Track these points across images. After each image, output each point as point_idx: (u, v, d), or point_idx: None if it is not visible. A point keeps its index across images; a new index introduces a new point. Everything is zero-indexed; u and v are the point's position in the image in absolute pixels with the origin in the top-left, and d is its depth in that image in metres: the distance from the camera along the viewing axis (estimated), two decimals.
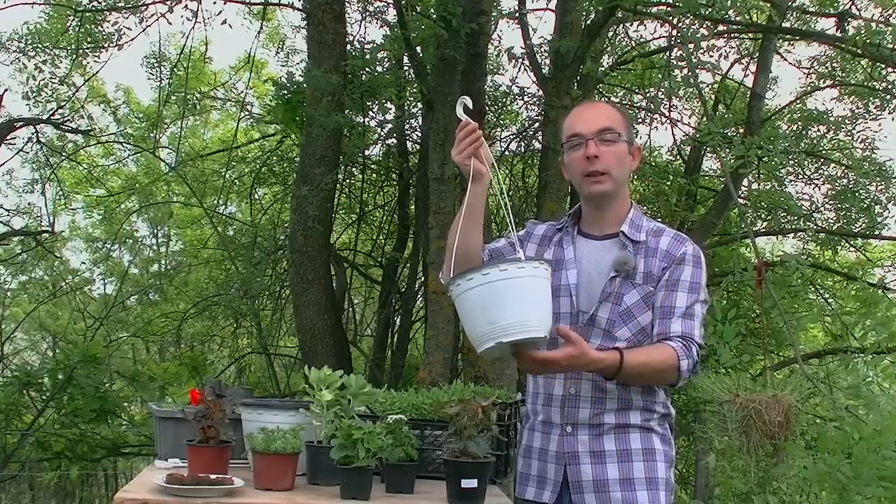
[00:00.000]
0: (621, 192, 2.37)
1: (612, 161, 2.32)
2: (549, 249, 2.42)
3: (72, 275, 13.49)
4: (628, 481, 2.27)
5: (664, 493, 2.29)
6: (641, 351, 2.24)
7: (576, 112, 2.43)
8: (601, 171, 2.31)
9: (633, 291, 2.29)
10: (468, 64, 6.14)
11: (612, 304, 2.29)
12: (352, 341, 8.72)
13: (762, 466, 2.95)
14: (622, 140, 2.34)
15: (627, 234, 2.33)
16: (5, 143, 8.87)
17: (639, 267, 2.30)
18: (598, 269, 2.32)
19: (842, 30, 6.09)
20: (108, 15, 7.87)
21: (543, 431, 2.37)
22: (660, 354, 2.23)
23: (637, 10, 6.01)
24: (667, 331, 2.26)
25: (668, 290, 2.28)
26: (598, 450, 2.29)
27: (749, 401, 2.53)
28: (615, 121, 2.35)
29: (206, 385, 2.48)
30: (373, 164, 9.10)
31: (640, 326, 2.29)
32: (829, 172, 8.60)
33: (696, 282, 2.29)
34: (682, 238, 2.35)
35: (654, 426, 2.33)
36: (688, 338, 2.24)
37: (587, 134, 2.32)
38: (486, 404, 2.21)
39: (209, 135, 15.60)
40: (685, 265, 2.29)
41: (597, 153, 2.30)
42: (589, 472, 2.29)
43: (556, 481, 2.33)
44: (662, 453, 2.32)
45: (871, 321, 3.58)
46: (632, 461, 2.28)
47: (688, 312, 2.26)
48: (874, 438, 2.76)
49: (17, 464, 9.80)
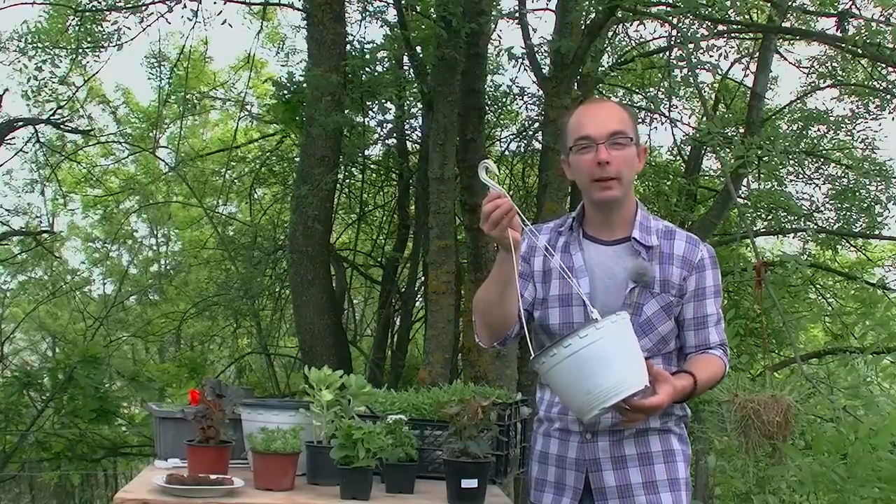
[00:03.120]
0: (628, 195, 2.32)
1: (623, 166, 2.24)
2: (555, 257, 2.33)
3: (71, 275, 13.49)
4: (651, 484, 2.25)
5: (685, 493, 2.29)
6: (704, 369, 2.25)
7: (584, 112, 2.32)
8: (612, 177, 2.23)
9: (652, 301, 2.24)
10: (468, 64, 6.14)
11: (632, 315, 2.18)
12: (352, 341, 8.72)
13: (761, 466, 2.95)
14: (632, 144, 2.26)
15: (639, 240, 2.27)
16: (5, 143, 8.87)
17: (656, 275, 2.25)
18: (612, 277, 2.26)
19: (842, 30, 6.08)
20: (108, 15, 7.87)
21: (561, 438, 2.32)
22: (716, 368, 2.27)
23: (637, 10, 6.00)
24: (706, 341, 2.28)
25: (697, 301, 2.27)
26: (619, 455, 2.26)
27: (748, 401, 2.54)
28: (625, 122, 2.27)
29: (206, 385, 2.49)
30: (373, 164, 9.10)
31: (660, 336, 2.26)
32: (830, 172, 8.62)
33: (716, 285, 2.31)
34: (696, 240, 2.32)
35: (672, 427, 2.31)
36: (725, 344, 2.29)
37: (598, 137, 2.23)
38: (486, 404, 2.21)
39: (209, 135, 15.61)
40: (706, 270, 2.29)
41: (608, 159, 2.22)
42: (612, 478, 2.26)
43: (575, 488, 2.30)
44: (681, 453, 2.31)
45: (871, 321, 3.59)
46: (653, 464, 2.26)
47: (718, 318, 2.30)
48: (870, 439, 2.76)
49: (17, 464, 9.81)
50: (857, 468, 2.69)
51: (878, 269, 9.80)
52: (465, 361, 5.74)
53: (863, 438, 2.75)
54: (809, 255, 8.70)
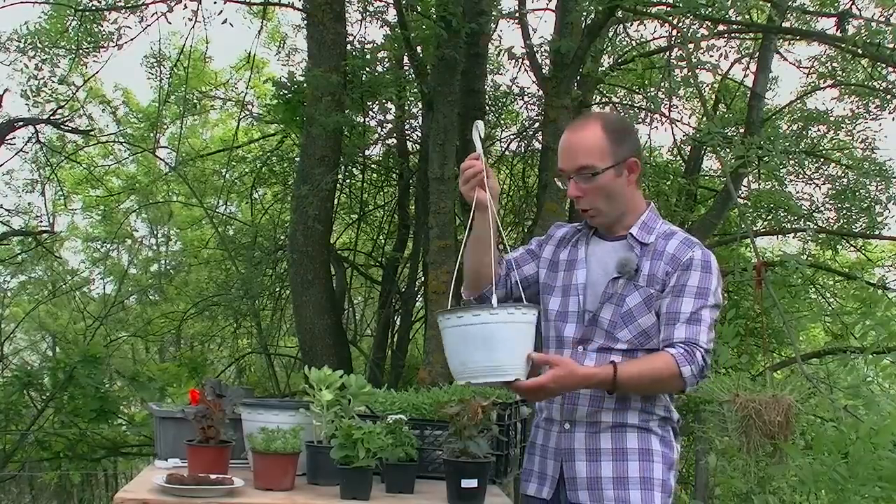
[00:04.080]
0: (625, 210, 2.34)
1: (596, 197, 2.29)
2: (566, 250, 2.44)
3: (71, 275, 13.48)
4: (622, 480, 2.26)
5: (659, 494, 2.27)
6: (636, 361, 2.24)
7: (563, 139, 2.36)
8: (587, 208, 2.32)
9: (635, 293, 2.28)
10: (468, 64, 6.14)
11: (614, 306, 2.29)
12: (352, 341, 8.71)
13: (762, 466, 2.95)
14: (604, 171, 2.27)
15: (636, 236, 2.32)
16: (5, 143, 8.86)
17: (643, 269, 2.29)
18: (604, 270, 2.33)
19: (842, 30, 6.08)
20: (108, 15, 7.86)
21: (546, 428, 2.40)
22: (657, 363, 2.21)
23: (637, 10, 6.01)
24: (671, 337, 2.24)
25: (673, 296, 2.26)
26: (594, 447, 2.29)
27: (749, 401, 2.54)
28: (593, 153, 2.27)
29: (206, 385, 2.49)
30: (373, 164, 9.09)
31: (640, 329, 2.28)
32: (830, 172, 8.61)
33: (703, 287, 2.25)
34: (692, 242, 2.32)
35: (654, 427, 2.31)
36: (692, 343, 2.21)
37: (568, 171, 2.31)
38: (486, 404, 2.22)
39: (209, 135, 15.61)
40: (692, 270, 2.26)
41: (578, 193, 2.30)
42: (583, 469, 2.29)
43: (553, 477, 2.35)
44: (660, 454, 2.30)
45: (871, 321, 3.58)
46: (627, 460, 2.28)
47: (693, 318, 2.23)
48: (871, 438, 2.76)
49: (17, 464, 9.81)
50: (858, 467, 2.69)
51: (878, 269, 9.80)
52: None
53: (863, 438, 2.75)
54: (809, 255, 8.70)
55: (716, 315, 2.28)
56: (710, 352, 2.26)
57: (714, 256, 2.33)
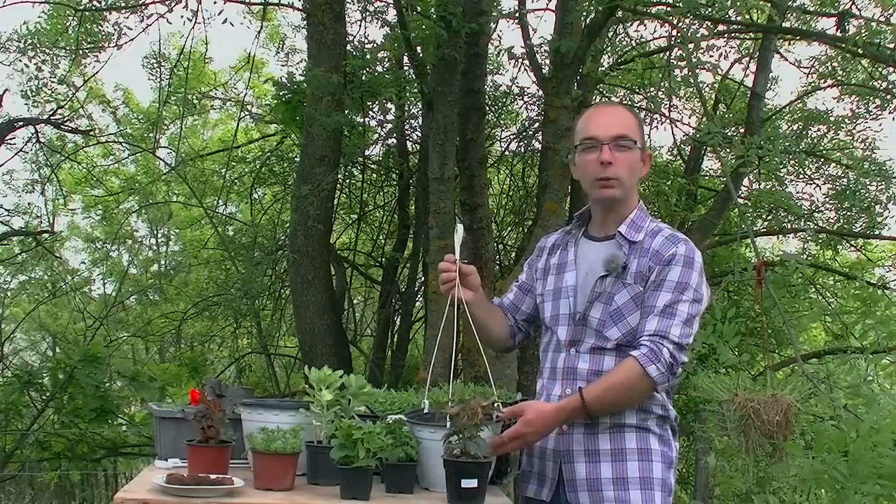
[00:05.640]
0: (629, 197, 2.39)
1: (625, 168, 2.34)
2: (556, 255, 2.48)
3: (71, 275, 13.48)
4: (622, 480, 2.27)
5: (660, 494, 2.27)
6: (600, 381, 2.25)
7: (593, 114, 2.43)
8: (612, 177, 2.33)
9: (623, 291, 2.29)
10: (468, 64, 6.13)
11: (603, 304, 2.30)
12: (352, 341, 8.72)
13: (762, 466, 2.95)
14: (636, 148, 2.36)
15: (624, 235, 2.34)
16: (5, 143, 8.86)
17: (631, 266, 2.30)
18: (593, 270, 2.35)
19: (842, 30, 6.08)
20: (108, 15, 7.86)
21: None
22: (619, 374, 2.22)
23: (637, 10, 6.00)
24: (643, 330, 2.25)
25: (652, 291, 2.27)
26: (593, 448, 2.29)
27: (748, 400, 2.53)
28: (631, 128, 2.37)
29: (206, 385, 2.48)
30: (373, 164, 9.09)
31: (629, 327, 2.28)
32: (830, 172, 8.60)
33: (683, 281, 2.25)
34: (676, 238, 2.33)
35: (651, 426, 2.32)
36: (660, 335, 2.21)
37: (603, 139, 2.33)
38: (486, 404, 2.21)
39: (209, 135, 15.60)
40: (673, 265, 2.27)
41: (611, 159, 2.32)
42: (583, 470, 2.30)
43: (552, 479, 2.36)
44: (659, 454, 2.31)
45: (871, 320, 3.58)
46: (626, 460, 2.28)
47: (667, 311, 2.23)
48: (871, 436, 2.76)
49: (17, 464, 9.80)
50: (859, 465, 2.70)
51: (879, 269, 9.79)
52: (465, 361, 5.72)
53: (864, 436, 2.75)
54: (809, 255, 8.70)
55: (697, 310, 2.27)
56: (684, 346, 2.23)
57: (699, 252, 2.34)
